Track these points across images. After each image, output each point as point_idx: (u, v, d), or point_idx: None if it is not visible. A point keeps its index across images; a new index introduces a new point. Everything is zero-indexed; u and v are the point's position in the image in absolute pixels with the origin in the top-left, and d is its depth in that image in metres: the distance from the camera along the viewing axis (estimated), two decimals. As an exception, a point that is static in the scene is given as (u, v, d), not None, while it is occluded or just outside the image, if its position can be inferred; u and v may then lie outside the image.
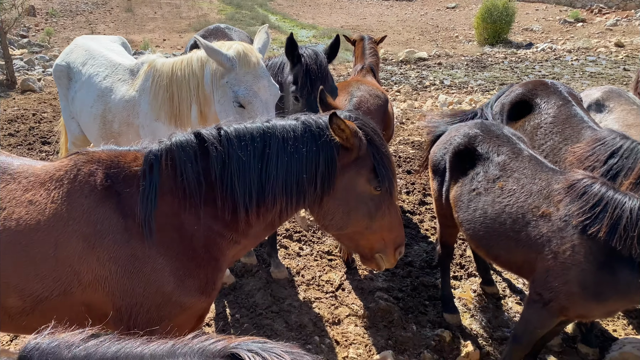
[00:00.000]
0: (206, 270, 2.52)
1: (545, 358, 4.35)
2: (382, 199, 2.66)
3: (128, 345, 1.46)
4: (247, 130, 2.50)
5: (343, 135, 2.49)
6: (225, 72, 3.44)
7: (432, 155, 4.48)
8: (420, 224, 6.30)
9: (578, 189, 3.21)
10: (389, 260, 2.88)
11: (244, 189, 2.42)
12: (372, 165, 2.57)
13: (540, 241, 3.33)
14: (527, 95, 4.83)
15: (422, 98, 14.74)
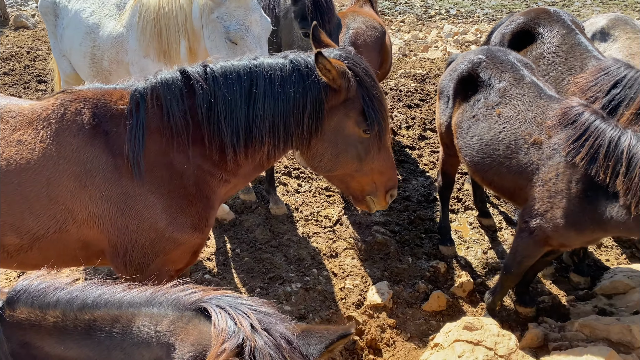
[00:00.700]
0: (198, 207, 2.55)
1: (539, 287, 4.47)
2: (371, 142, 2.60)
3: (110, 290, 1.52)
4: (233, 68, 2.44)
5: (329, 75, 2.42)
6: (215, 6, 3.32)
7: (440, 81, 4.43)
8: (419, 158, 6.30)
9: (569, 117, 3.17)
10: (379, 202, 2.86)
11: (231, 129, 2.40)
12: (361, 108, 2.51)
13: (530, 169, 3.34)
14: (529, 24, 4.67)
15: (427, 28, 14.31)
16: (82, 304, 1.50)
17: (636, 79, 3.66)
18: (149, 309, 1.47)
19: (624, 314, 3.86)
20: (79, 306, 1.50)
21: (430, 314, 4.14)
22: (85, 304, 1.50)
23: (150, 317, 1.46)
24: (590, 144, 2.97)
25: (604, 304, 4.09)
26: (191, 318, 1.43)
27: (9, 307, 1.52)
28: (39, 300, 1.52)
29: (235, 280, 4.30)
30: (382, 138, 2.62)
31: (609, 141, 2.92)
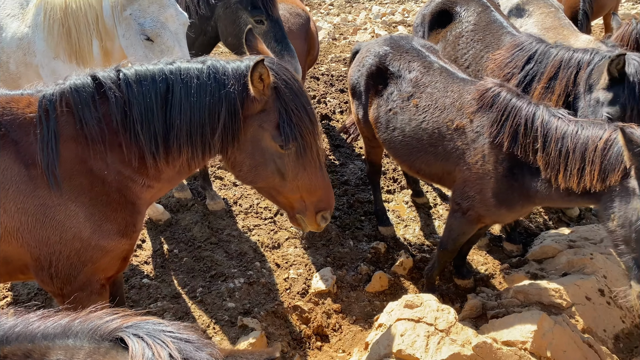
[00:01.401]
0: (123, 213, 2.47)
1: (475, 258, 4.65)
2: (294, 158, 2.46)
3: (23, 322, 1.43)
4: (148, 73, 2.33)
5: (260, 85, 2.31)
6: (127, 3, 3.17)
7: (349, 77, 4.43)
8: (354, 142, 6.34)
9: (487, 99, 3.27)
10: (310, 224, 2.71)
11: (149, 136, 2.30)
12: (277, 122, 2.38)
13: (456, 154, 3.43)
14: (447, 4, 4.77)
15: (355, 10, 14.36)
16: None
17: (545, 52, 3.82)
18: (64, 341, 1.39)
19: (554, 277, 4.08)
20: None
21: (373, 295, 4.21)
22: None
23: (66, 350, 1.38)
24: (510, 123, 3.08)
25: (536, 269, 4.30)
26: (108, 349, 1.36)
27: None
28: None
29: (175, 282, 4.19)
30: (305, 155, 2.46)
31: (525, 119, 3.03)
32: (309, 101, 2.49)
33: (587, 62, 3.48)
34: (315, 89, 7.44)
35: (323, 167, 2.60)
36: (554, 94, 3.60)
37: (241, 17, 3.91)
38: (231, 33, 4.00)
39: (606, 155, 2.68)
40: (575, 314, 3.63)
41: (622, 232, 2.64)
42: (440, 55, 4.07)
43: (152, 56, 3.15)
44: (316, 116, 2.57)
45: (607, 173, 2.66)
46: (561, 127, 2.91)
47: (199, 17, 3.92)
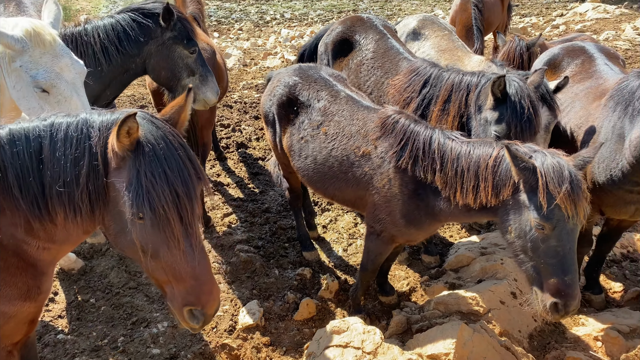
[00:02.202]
0: (24, 277, 2.32)
1: (396, 273, 4.80)
2: (150, 232, 2.11)
3: None
4: (22, 132, 2.19)
5: (126, 140, 2.07)
6: (16, 54, 3.00)
7: (261, 106, 4.50)
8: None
9: (387, 126, 3.44)
10: (177, 316, 2.31)
11: (29, 200, 2.17)
12: (127, 184, 2.10)
13: (365, 179, 3.56)
14: (347, 33, 4.96)
15: (265, 34, 14.52)
16: None
17: (438, 76, 4.08)
18: None
19: (470, 285, 4.30)
20: None
21: (302, 323, 4.23)
22: None
23: None
24: (410, 147, 3.25)
25: (453, 279, 4.51)
26: None
27: None
28: None
29: (94, 334, 3.98)
30: (164, 232, 2.11)
31: (423, 143, 3.21)
32: (180, 169, 2.14)
33: (475, 85, 3.75)
34: (229, 117, 7.42)
35: (194, 251, 2.17)
36: (449, 115, 3.84)
37: (176, 50, 4.05)
38: (165, 67, 4.10)
39: (497, 171, 2.88)
40: (492, 319, 3.84)
41: (519, 242, 2.84)
42: (347, 84, 4.22)
43: (48, 107, 3.00)
44: (190, 191, 2.16)
45: (499, 188, 2.85)
46: (455, 148, 3.11)
47: (122, 56, 3.91)
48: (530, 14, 14.94)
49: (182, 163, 2.16)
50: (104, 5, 18.66)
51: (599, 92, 3.66)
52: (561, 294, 2.70)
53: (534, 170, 2.69)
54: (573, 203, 2.63)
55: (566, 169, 2.68)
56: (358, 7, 17.27)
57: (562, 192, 2.59)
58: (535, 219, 2.68)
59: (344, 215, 5.55)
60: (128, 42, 3.93)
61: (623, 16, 12.73)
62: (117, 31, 3.91)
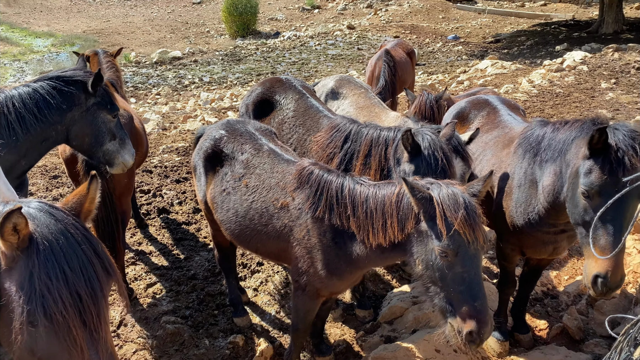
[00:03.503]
0: None
1: (332, 331, 4.71)
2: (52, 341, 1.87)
3: None
4: None
5: (13, 238, 1.85)
6: None
7: (192, 160, 4.44)
8: (198, 232, 6.20)
9: (303, 177, 3.49)
10: None
11: None
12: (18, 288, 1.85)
13: (285, 231, 3.55)
14: (267, 93, 5.05)
15: (184, 98, 14.49)
16: None
17: (358, 132, 4.21)
18: None
19: (405, 336, 4.30)
20: None
21: (237, 395, 4.00)
22: None
23: None
24: (325, 197, 3.29)
25: (388, 331, 4.49)
26: None
27: None
28: None
29: None
30: (65, 339, 1.85)
31: (335, 190, 3.27)
32: (83, 266, 1.92)
33: (392, 139, 3.91)
34: (149, 182, 7.19)
35: (100, 357, 1.92)
36: (372, 169, 3.95)
37: (99, 116, 4.01)
38: (88, 133, 4.03)
39: (399, 206, 2.96)
40: (428, 369, 3.84)
41: (427, 273, 2.86)
42: (275, 138, 4.25)
43: None
44: (95, 291, 1.93)
45: (404, 222, 2.92)
46: (364, 191, 3.19)
47: (41, 124, 3.78)
48: (436, 72, 16.05)
49: (85, 260, 1.94)
50: (11, 75, 17.92)
51: (507, 139, 3.93)
52: (473, 319, 2.72)
53: (430, 199, 2.79)
54: (470, 228, 2.73)
55: (460, 196, 2.80)
56: (276, 69, 17.76)
57: (459, 218, 2.70)
58: (437, 246, 2.75)
59: (274, 275, 5.44)
60: (49, 109, 3.78)
61: (519, 71, 13.99)
62: (36, 99, 3.75)
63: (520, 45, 18.82)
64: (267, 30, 24.69)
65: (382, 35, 21.67)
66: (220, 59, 19.91)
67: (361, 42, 21.14)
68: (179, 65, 19.14)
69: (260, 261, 5.64)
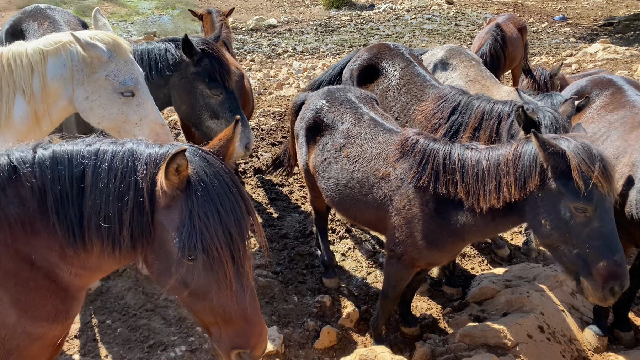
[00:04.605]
0: (54, 299, 2.23)
1: (418, 305, 4.69)
2: (201, 273, 2.04)
3: None
4: (66, 155, 2.12)
5: (175, 178, 1.99)
6: (99, 65, 3.18)
7: (295, 128, 4.52)
8: (290, 195, 6.35)
9: (407, 147, 3.43)
10: (223, 358, 2.21)
11: (65, 227, 2.08)
12: (178, 224, 2.01)
13: (385, 201, 3.53)
14: (373, 59, 5.00)
15: (277, 66, 14.72)
16: None
17: (468, 104, 4.07)
18: None
19: (495, 317, 4.20)
20: None
21: (323, 351, 4.11)
22: None
23: None
24: (430, 165, 3.23)
25: (477, 311, 4.40)
26: None
27: None
28: None
29: (110, 356, 3.87)
30: (215, 273, 2.04)
31: (443, 157, 3.20)
32: (233, 208, 2.06)
33: (507, 114, 3.74)
34: (246, 143, 7.44)
35: (244, 292, 2.10)
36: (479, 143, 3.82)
37: (197, 87, 3.99)
38: (185, 102, 4.06)
39: (518, 164, 2.84)
40: (520, 353, 3.73)
41: (557, 233, 2.75)
42: (375, 105, 4.23)
43: (128, 111, 3.26)
44: (242, 230, 2.07)
45: (524, 180, 2.80)
46: (475, 155, 3.10)
47: (149, 84, 3.91)
48: (539, 53, 15.16)
49: (234, 201, 2.08)
50: (117, 34, 19.03)
51: (637, 121, 3.64)
52: (614, 274, 2.64)
53: (562, 154, 2.66)
54: (607, 180, 2.61)
55: (593, 148, 2.68)
56: (369, 42, 17.55)
57: (597, 171, 2.57)
58: (574, 203, 2.62)
59: (363, 243, 5.48)
60: (156, 71, 3.97)
61: (634, 57, 12.89)
62: (150, 59, 3.96)
63: (636, 29, 17.29)
64: (362, 1, 24.38)
65: (483, 12, 20.72)
66: (314, 29, 19.96)
67: (459, 17, 20.36)
68: (274, 33, 19.41)
69: (348, 228, 5.70)
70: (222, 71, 4.05)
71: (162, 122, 3.41)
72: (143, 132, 3.31)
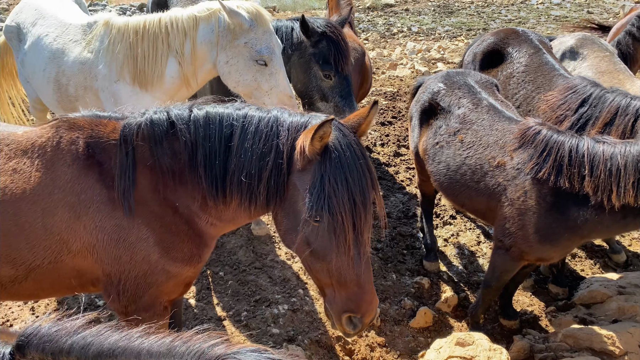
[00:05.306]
0: (190, 244, 2.51)
1: (520, 299, 4.59)
2: (324, 235, 2.17)
3: (126, 336, 1.44)
4: (217, 117, 2.35)
5: (317, 144, 2.14)
6: (241, 32, 3.44)
7: (409, 108, 4.55)
8: (396, 175, 6.40)
9: (528, 137, 3.32)
10: (335, 321, 2.36)
11: (210, 180, 2.33)
12: (309, 186, 2.16)
13: (498, 190, 3.46)
14: (499, 44, 4.85)
15: (390, 46, 14.61)
16: (97, 352, 1.41)
17: (600, 97, 3.84)
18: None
19: (604, 323, 4.00)
20: (94, 354, 1.41)
21: (417, 331, 4.18)
22: (101, 351, 1.42)
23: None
24: (553, 157, 3.10)
25: (584, 314, 4.22)
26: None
27: (18, 353, 1.45)
28: (50, 345, 1.43)
29: (221, 305, 4.23)
30: (336, 237, 2.16)
31: (569, 150, 3.06)
32: (359, 178, 2.17)
33: None
34: (356, 121, 7.55)
35: (361, 259, 2.22)
36: (609, 139, 3.60)
37: (312, 68, 4.14)
38: (301, 80, 4.24)
39: None
40: (628, 363, 3.55)
41: None
42: (495, 91, 4.13)
43: (261, 79, 3.50)
44: (365, 200, 2.18)
45: None
46: (607, 149, 2.95)
47: None
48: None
49: (361, 172, 2.21)
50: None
51: None
52: None
53: None
54: None
55: None
56: (489, 26, 16.81)
57: None
58: None
59: (466, 231, 5.41)
60: (281, 48, 4.15)
61: None
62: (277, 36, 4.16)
63: None
64: (485, -17, 23.28)
65: None
66: (432, 9, 19.48)
67: (593, 4, 18.81)
68: (390, 12, 19.22)
69: (453, 214, 5.65)
70: (337, 56, 4.11)
71: (291, 93, 3.60)
72: (272, 101, 3.52)
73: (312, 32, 4.10)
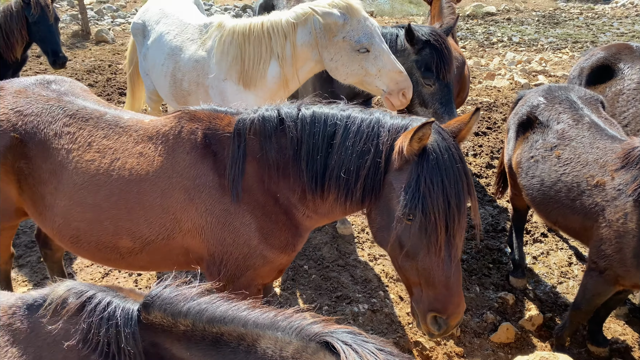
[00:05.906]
0: (287, 233, 2.70)
1: (611, 327, 4.36)
2: (416, 234, 2.23)
3: (235, 307, 1.61)
4: (322, 116, 2.51)
5: (416, 145, 2.22)
6: (337, 29, 3.58)
7: (507, 122, 4.49)
8: (487, 187, 6.28)
9: (632, 157, 3.16)
10: (421, 320, 2.41)
11: (310, 175, 2.49)
12: (405, 185, 2.24)
13: (595, 210, 3.33)
14: (610, 59, 4.64)
15: (488, 55, 14.23)
16: (210, 317, 1.60)
17: None
18: (273, 333, 1.51)
19: None
20: (208, 319, 1.59)
21: (498, 346, 4.11)
22: (214, 317, 1.59)
23: (275, 341, 1.50)
24: None
25: (684, 350, 3.94)
26: (316, 350, 1.45)
27: (144, 310, 1.67)
28: (171, 307, 1.63)
29: (304, 297, 4.41)
30: (428, 237, 2.21)
31: None
32: (455, 181, 2.22)
33: None
34: (448, 129, 7.49)
35: (451, 261, 2.25)
36: None
37: (413, 74, 4.18)
38: None
39: None
40: None
41: None
42: (600, 108, 3.98)
43: (367, 65, 3.60)
44: (460, 203, 2.23)
45: None
46: None
47: None
48: None
49: (458, 176, 2.26)
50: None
51: None
52: None
53: None
54: None
55: None
56: (598, 39, 15.87)
57: None
58: None
59: (557, 251, 5.22)
60: None
61: None
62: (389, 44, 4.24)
63: None
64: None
65: None
66: (536, 20, 18.72)
67: None
68: (491, 21, 18.71)
69: (544, 232, 5.46)
70: (439, 64, 4.14)
71: (400, 69, 3.68)
72: (383, 82, 3.65)
73: (416, 40, 4.17)
